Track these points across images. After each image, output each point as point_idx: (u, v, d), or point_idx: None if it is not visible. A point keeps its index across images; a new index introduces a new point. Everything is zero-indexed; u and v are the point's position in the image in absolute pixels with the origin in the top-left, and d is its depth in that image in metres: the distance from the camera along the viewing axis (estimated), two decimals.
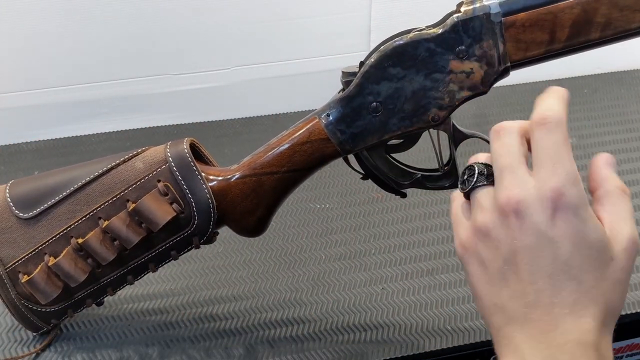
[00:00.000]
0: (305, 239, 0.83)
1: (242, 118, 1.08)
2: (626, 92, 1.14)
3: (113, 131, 1.05)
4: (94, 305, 0.67)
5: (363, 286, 0.76)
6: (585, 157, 0.97)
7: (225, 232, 0.83)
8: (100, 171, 0.63)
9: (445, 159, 0.61)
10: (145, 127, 1.05)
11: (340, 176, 0.94)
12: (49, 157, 0.99)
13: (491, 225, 0.44)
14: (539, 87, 1.22)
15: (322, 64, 0.58)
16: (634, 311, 0.72)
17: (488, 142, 0.60)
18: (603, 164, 0.46)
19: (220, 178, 0.62)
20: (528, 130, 0.46)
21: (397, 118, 0.57)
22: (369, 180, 0.62)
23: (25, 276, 0.63)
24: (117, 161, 0.63)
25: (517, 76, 1.21)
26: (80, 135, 1.04)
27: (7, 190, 0.65)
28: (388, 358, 0.68)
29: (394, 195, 0.64)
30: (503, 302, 0.43)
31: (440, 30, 0.54)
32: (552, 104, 0.46)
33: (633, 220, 0.44)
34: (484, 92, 0.56)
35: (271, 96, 1.07)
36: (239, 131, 1.05)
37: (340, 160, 0.62)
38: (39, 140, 1.03)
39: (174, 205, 0.61)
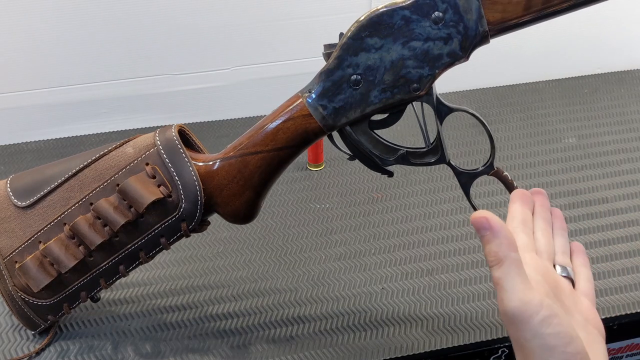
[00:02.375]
0: (305, 239, 0.83)
1: (242, 118, 1.08)
2: (626, 92, 1.14)
3: (113, 131, 1.05)
4: (89, 301, 0.68)
5: (363, 286, 0.76)
6: (586, 157, 0.97)
7: (224, 232, 0.83)
8: (93, 157, 0.64)
9: (433, 136, 0.60)
10: (145, 127, 1.05)
11: (340, 176, 0.94)
12: (49, 157, 0.99)
13: None
14: (539, 87, 1.22)
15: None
16: (634, 311, 0.73)
17: (474, 115, 0.60)
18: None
19: (207, 162, 0.62)
20: None
21: (378, 90, 0.57)
22: (369, 180, 0.62)
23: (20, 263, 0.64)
24: (110, 147, 0.64)
25: (517, 76, 1.22)
26: (80, 135, 1.04)
27: (9, 182, 0.66)
28: (388, 358, 0.68)
29: (394, 195, 0.63)
30: None
31: None
32: None
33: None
34: (464, 59, 0.56)
35: (271, 96, 1.06)
36: (239, 131, 1.04)
37: (340, 160, 0.62)
38: (39, 140, 1.03)
39: (161, 188, 0.61)
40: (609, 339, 0.75)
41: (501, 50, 1.08)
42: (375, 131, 0.60)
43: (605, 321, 0.72)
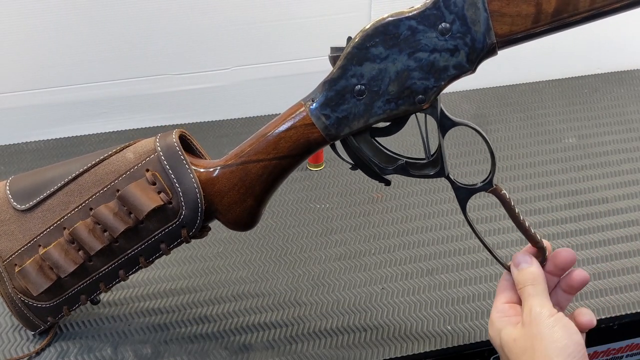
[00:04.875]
0: (305, 239, 0.83)
1: (242, 118, 1.08)
2: (626, 92, 1.14)
3: (113, 131, 1.05)
4: (89, 303, 0.68)
5: (363, 286, 0.76)
6: (586, 157, 0.97)
7: (224, 232, 0.83)
8: (93, 162, 0.63)
9: (434, 148, 0.59)
10: (145, 127, 1.05)
11: (340, 176, 0.94)
12: (49, 157, 0.99)
13: None
14: (539, 87, 1.22)
15: (322, 64, 0.58)
16: (634, 311, 0.73)
17: (477, 131, 0.59)
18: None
19: (208, 169, 0.62)
20: None
21: (382, 101, 0.56)
22: (369, 181, 0.62)
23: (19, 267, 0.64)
24: (110, 152, 0.63)
25: (517, 76, 1.22)
26: (80, 135, 1.04)
27: (8, 184, 0.66)
28: (388, 358, 0.68)
29: (394, 195, 0.63)
30: None
31: (422, 7, 0.53)
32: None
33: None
34: (471, 72, 0.55)
35: (271, 96, 1.07)
36: (239, 131, 1.05)
37: (340, 160, 0.62)
38: (39, 140, 1.03)
39: (162, 194, 0.61)
40: (609, 339, 0.76)
41: (501, 51, 1.08)
42: (376, 139, 0.60)
43: (606, 321, 0.72)
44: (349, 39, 0.56)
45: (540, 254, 0.59)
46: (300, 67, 1.05)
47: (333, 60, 0.57)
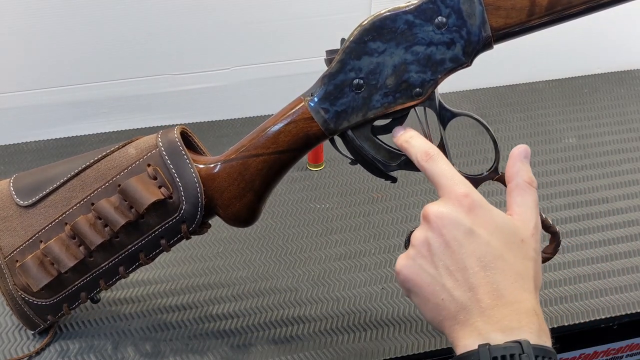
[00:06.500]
0: (305, 239, 0.83)
1: (242, 118, 1.08)
2: (626, 92, 1.14)
3: (113, 131, 1.05)
4: (89, 302, 0.68)
5: (363, 286, 0.76)
6: (586, 157, 0.97)
7: (225, 232, 0.83)
8: (96, 158, 0.64)
9: (436, 141, 0.60)
10: (146, 127, 1.05)
11: (340, 176, 0.94)
12: (49, 157, 0.99)
13: (422, 235, 0.51)
14: (539, 87, 1.21)
15: (322, 64, 0.58)
16: (634, 311, 0.73)
17: (478, 121, 0.60)
18: (517, 156, 0.54)
19: (208, 165, 0.62)
20: None
21: (380, 94, 0.57)
22: (369, 180, 0.62)
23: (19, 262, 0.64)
24: (112, 148, 0.64)
25: (517, 76, 1.22)
26: (80, 135, 1.04)
27: (12, 181, 0.66)
28: (388, 358, 0.68)
29: (394, 195, 0.63)
30: (449, 294, 0.49)
31: (418, 2, 0.54)
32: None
33: (537, 209, 0.52)
34: (467, 64, 0.55)
35: (271, 96, 1.07)
36: (239, 131, 1.05)
37: (340, 160, 0.62)
38: (39, 140, 1.03)
39: (162, 189, 0.62)
40: (609, 339, 0.76)
41: (501, 50, 1.08)
42: (378, 137, 0.60)
43: (605, 321, 0.72)
44: (343, 40, 0.57)
45: (554, 240, 0.59)
46: (300, 67, 1.05)
47: (329, 62, 0.58)
